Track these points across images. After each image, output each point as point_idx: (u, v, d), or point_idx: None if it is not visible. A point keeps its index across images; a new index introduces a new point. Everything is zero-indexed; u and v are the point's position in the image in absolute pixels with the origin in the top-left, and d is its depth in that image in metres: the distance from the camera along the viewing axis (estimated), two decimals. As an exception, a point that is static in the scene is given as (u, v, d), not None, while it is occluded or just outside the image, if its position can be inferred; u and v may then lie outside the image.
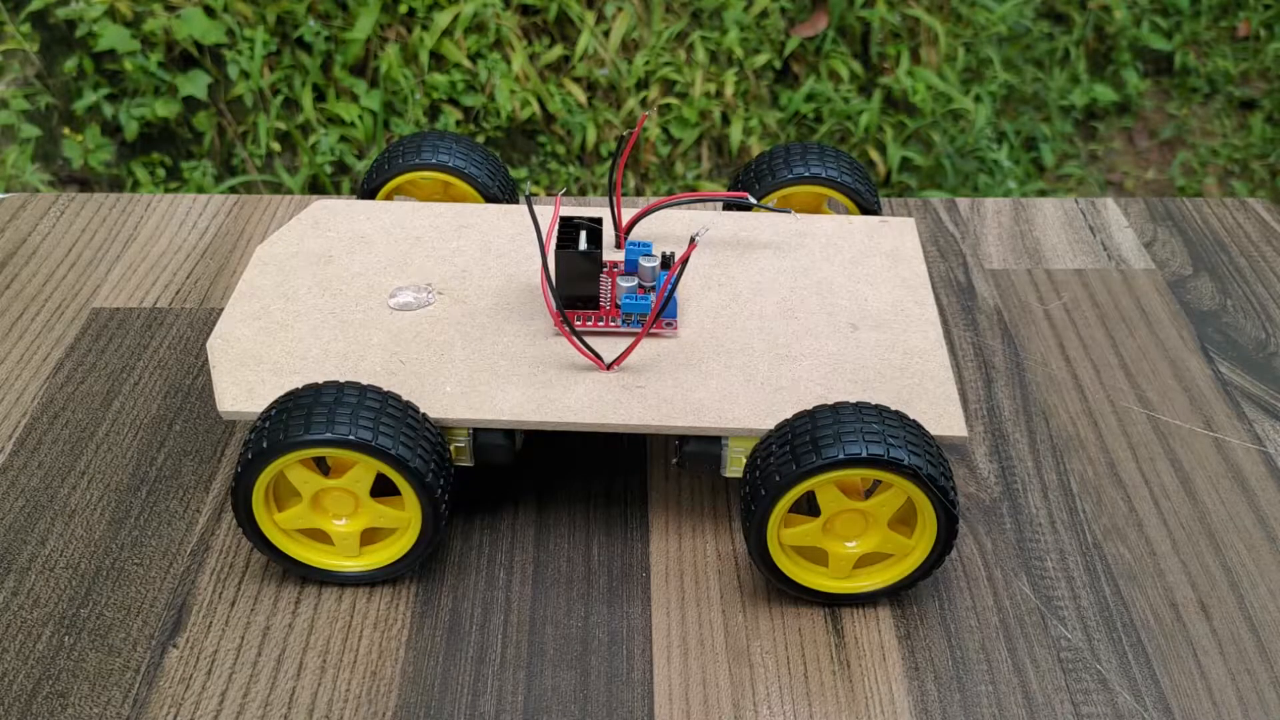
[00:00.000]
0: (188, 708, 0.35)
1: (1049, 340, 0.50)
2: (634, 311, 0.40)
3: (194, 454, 0.43)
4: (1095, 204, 0.59)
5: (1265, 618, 0.38)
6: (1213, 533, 0.41)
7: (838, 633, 0.38)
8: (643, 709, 0.35)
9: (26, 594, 0.38)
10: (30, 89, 1.54)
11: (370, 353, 0.39)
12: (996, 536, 0.41)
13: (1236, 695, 0.36)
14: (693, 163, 1.63)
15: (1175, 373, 0.48)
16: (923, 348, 0.40)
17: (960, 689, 0.36)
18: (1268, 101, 1.78)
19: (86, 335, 0.49)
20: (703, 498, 0.42)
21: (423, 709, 0.35)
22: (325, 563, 0.38)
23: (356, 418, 0.35)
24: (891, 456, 0.34)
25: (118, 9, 1.55)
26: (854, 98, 1.66)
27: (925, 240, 0.56)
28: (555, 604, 0.38)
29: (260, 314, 0.40)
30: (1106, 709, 0.35)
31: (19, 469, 0.43)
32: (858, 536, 0.37)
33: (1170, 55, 1.82)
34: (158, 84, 1.56)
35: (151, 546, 0.40)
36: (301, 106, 1.59)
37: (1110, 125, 1.77)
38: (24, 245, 0.54)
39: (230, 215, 0.56)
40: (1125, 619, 0.38)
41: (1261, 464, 0.44)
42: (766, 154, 0.47)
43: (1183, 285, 0.53)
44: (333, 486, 0.36)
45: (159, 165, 1.56)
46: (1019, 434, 0.45)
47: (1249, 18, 1.85)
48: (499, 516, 0.41)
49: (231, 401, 0.37)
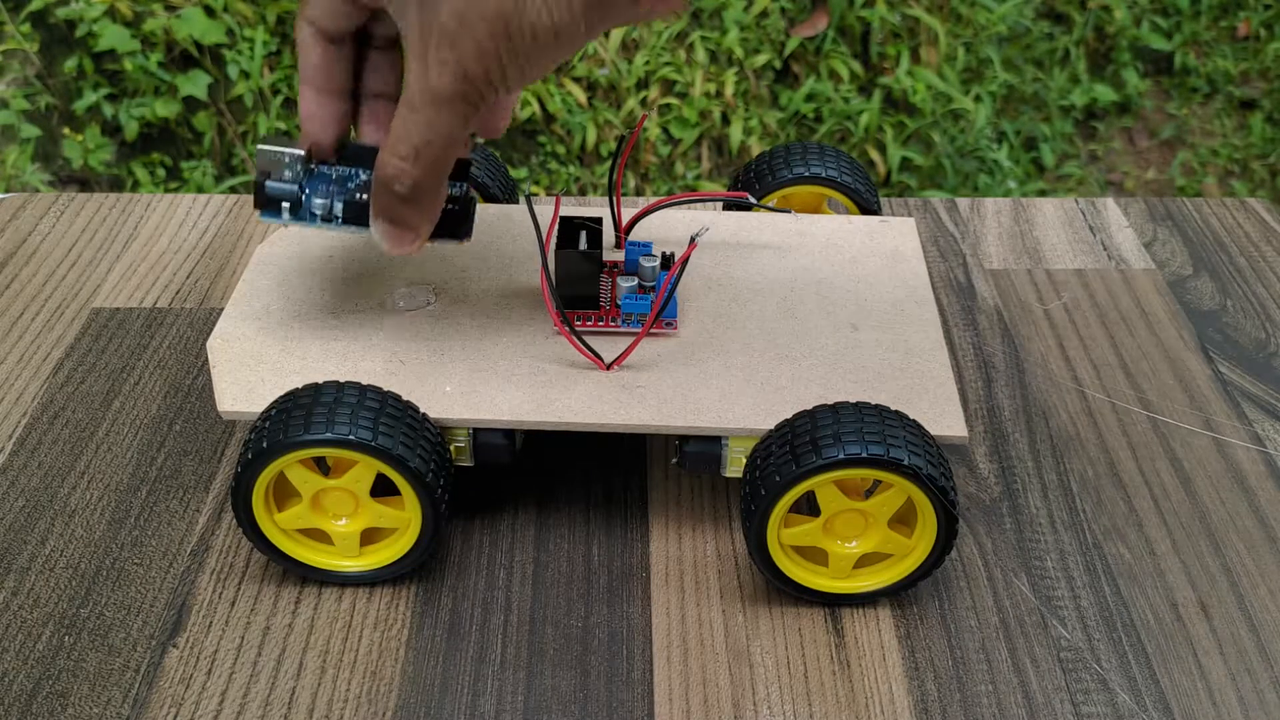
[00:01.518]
0: (188, 708, 0.35)
1: (1049, 340, 0.50)
2: (634, 311, 0.40)
3: (194, 454, 0.43)
4: (1095, 204, 0.59)
5: (1265, 618, 0.38)
6: (1213, 533, 0.41)
7: (838, 633, 0.38)
8: (643, 709, 0.35)
9: (26, 594, 0.38)
10: (30, 89, 1.54)
11: (370, 353, 0.39)
12: (996, 536, 0.41)
13: (1236, 695, 0.36)
14: (693, 163, 1.63)
15: (1175, 373, 0.48)
16: (923, 348, 0.40)
17: (960, 689, 0.36)
18: (1268, 101, 1.78)
19: (86, 335, 0.49)
20: (703, 498, 0.42)
21: (423, 709, 0.35)
22: (325, 563, 0.38)
23: (356, 417, 0.35)
24: (891, 456, 0.34)
25: (118, 9, 1.55)
26: (854, 98, 1.66)
27: (925, 240, 0.56)
28: (555, 604, 0.38)
29: (260, 314, 0.40)
30: (1106, 709, 0.35)
31: (19, 469, 0.43)
32: (858, 536, 0.37)
33: (1170, 55, 1.83)
34: (158, 84, 1.56)
35: (151, 546, 0.40)
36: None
37: (1110, 125, 1.77)
38: (24, 245, 0.54)
39: (230, 215, 0.56)
40: (1125, 619, 0.38)
41: (1261, 464, 0.44)
42: (766, 154, 0.47)
43: (1183, 285, 0.53)
44: (333, 486, 0.36)
45: (159, 165, 1.56)
46: (1019, 434, 0.45)
47: (1249, 18, 1.85)
48: (499, 516, 0.41)
49: (231, 401, 0.37)
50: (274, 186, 0.37)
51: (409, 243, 0.37)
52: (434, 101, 0.33)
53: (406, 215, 0.36)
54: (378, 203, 0.36)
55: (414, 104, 0.33)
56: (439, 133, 0.34)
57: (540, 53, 0.32)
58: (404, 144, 0.34)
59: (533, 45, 0.31)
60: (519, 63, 0.32)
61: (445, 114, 0.33)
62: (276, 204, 0.37)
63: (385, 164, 0.35)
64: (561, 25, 0.31)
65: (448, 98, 0.33)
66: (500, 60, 0.32)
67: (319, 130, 0.38)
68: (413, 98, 0.33)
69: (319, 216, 0.37)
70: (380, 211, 0.36)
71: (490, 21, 0.31)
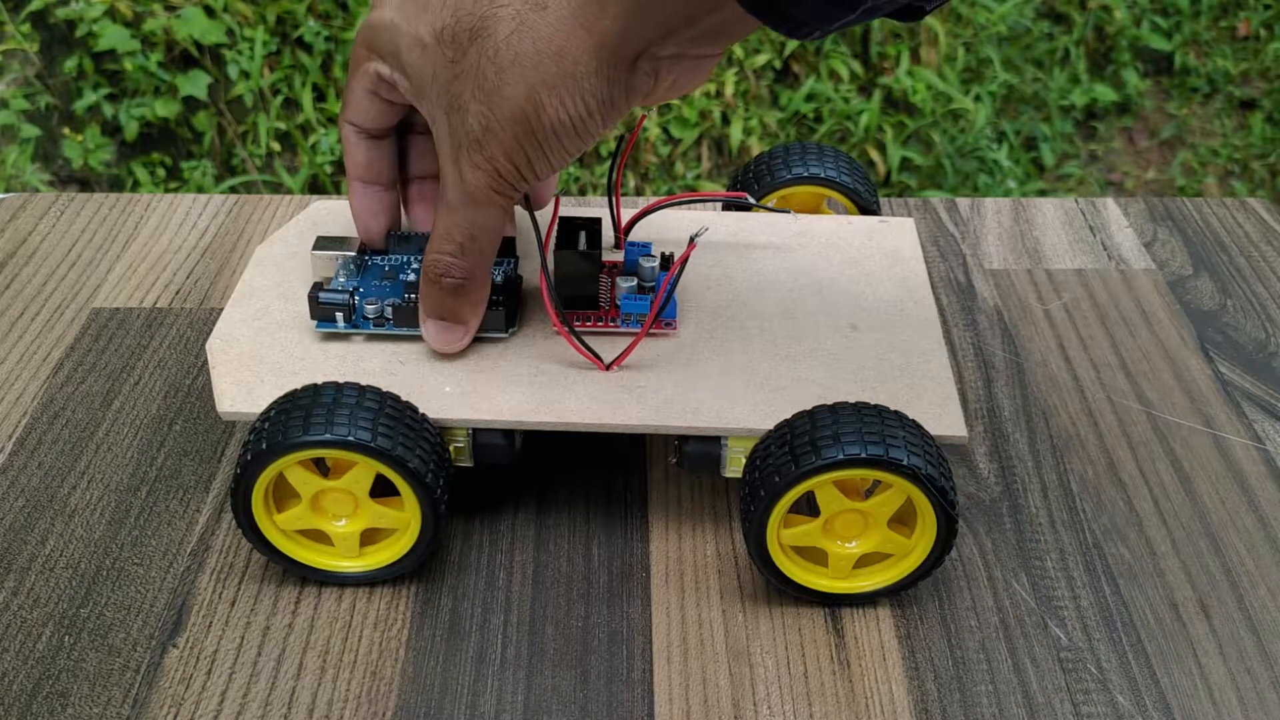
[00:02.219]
0: (188, 708, 0.35)
1: (1049, 340, 0.50)
2: (633, 312, 0.40)
3: (194, 454, 0.43)
4: (1095, 204, 0.59)
5: (1265, 618, 0.38)
6: (1213, 533, 0.41)
7: (838, 633, 0.38)
8: (643, 709, 0.35)
9: (26, 594, 0.38)
10: (30, 89, 1.54)
11: (369, 353, 0.39)
12: (996, 536, 0.41)
13: (1236, 695, 0.36)
14: (693, 163, 1.63)
15: (1175, 372, 0.48)
16: (923, 348, 0.40)
17: (960, 689, 0.36)
18: (1268, 101, 1.78)
19: (86, 335, 0.49)
20: (703, 498, 0.42)
21: (423, 709, 0.35)
22: (325, 563, 0.38)
23: (355, 418, 0.35)
24: (891, 457, 0.34)
25: (118, 9, 1.55)
26: (854, 98, 1.66)
27: (925, 240, 0.56)
28: (555, 604, 0.38)
29: (260, 314, 0.40)
30: (1106, 709, 0.35)
31: (19, 469, 0.43)
32: (857, 536, 0.37)
33: (1170, 55, 1.83)
34: (158, 84, 1.56)
35: (151, 546, 0.40)
36: (301, 106, 1.59)
37: (1110, 125, 1.77)
38: (24, 245, 0.54)
39: (230, 215, 0.56)
40: (1125, 619, 0.38)
41: (1261, 463, 0.44)
42: (766, 154, 0.47)
43: (1183, 285, 0.53)
44: (332, 487, 0.36)
45: (159, 165, 1.56)
46: (1019, 434, 0.45)
47: (1249, 18, 1.85)
48: (499, 516, 0.41)
49: (231, 402, 0.37)
50: (327, 297, 0.39)
51: (458, 339, 0.38)
52: (472, 202, 0.35)
53: (456, 309, 0.38)
54: (427, 301, 0.38)
55: (453, 205, 0.36)
56: (481, 227, 0.36)
57: (564, 143, 0.34)
58: (449, 241, 0.36)
59: (555, 140, 0.34)
60: (545, 155, 0.34)
61: (484, 211, 0.35)
62: (331, 313, 0.39)
63: (435, 262, 0.37)
64: (578, 120, 0.33)
65: (484, 197, 0.35)
66: (527, 156, 0.34)
67: (370, 221, 0.41)
68: (452, 200, 0.36)
69: (370, 321, 0.39)
70: (430, 310, 0.38)
71: (514, 124, 0.33)
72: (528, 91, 0.32)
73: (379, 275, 0.41)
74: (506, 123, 0.33)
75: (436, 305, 0.38)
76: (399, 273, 0.41)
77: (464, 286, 0.37)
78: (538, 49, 0.32)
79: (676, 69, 0.34)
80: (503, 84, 0.33)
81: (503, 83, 0.33)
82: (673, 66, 0.34)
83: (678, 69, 0.34)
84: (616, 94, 0.33)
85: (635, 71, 0.33)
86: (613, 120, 0.34)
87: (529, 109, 0.33)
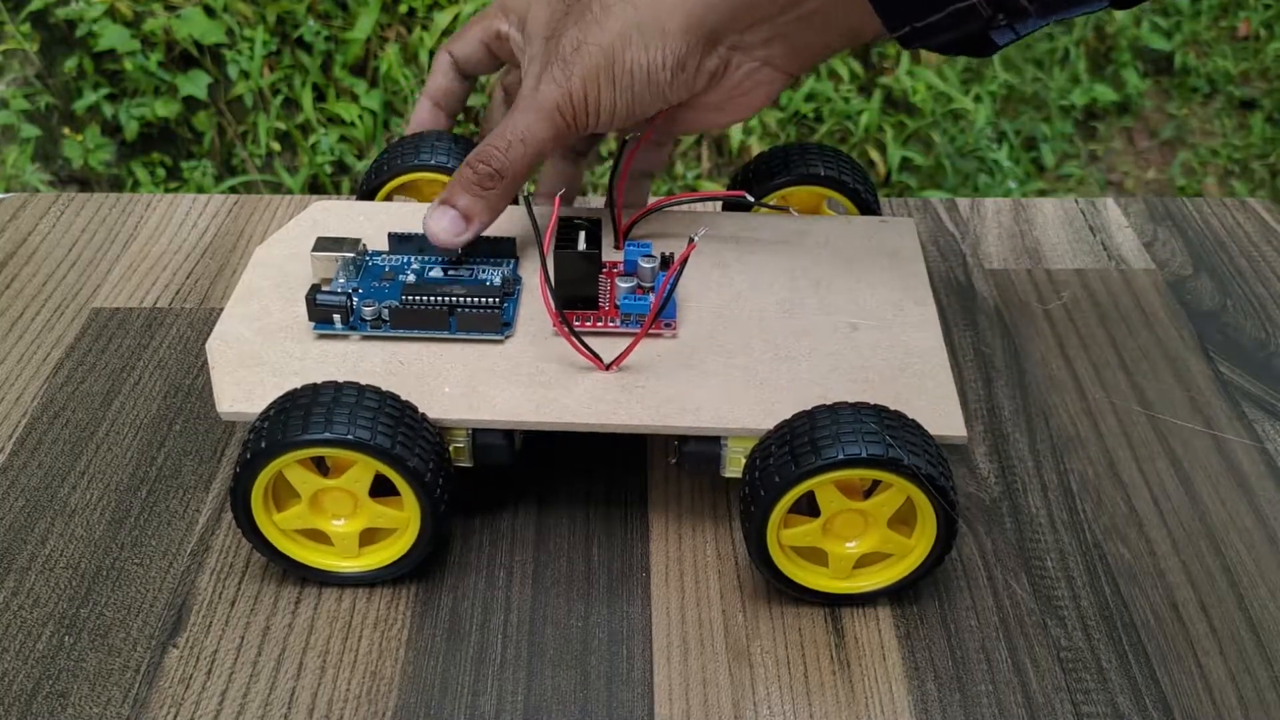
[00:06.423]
0: (188, 708, 0.35)
1: (1049, 340, 0.50)
2: (633, 312, 0.40)
3: (194, 454, 0.43)
4: (1095, 204, 0.59)
5: (1265, 618, 0.38)
6: (1213, 533, 0.41)
7: (838, 633, 0.38)
8: (643, 709, 0.35)
9: (26, 594, 0.38)
10: (30, 89, 1.54)
11: (370, 353, 0.39)
12: (996, 536, 0.41)
13: (1236, 695, 0.36)
14: (693, 163, 1.63)
15: (1175, 373, 0.48)
16: (923, 348, 0.40)
17: (960, 689, 0.36)
18: (1268, 101, 1.78)
19: (86, 335, 0.49)
20: (703, 498, 0.42)
21: (423, 709, 0.35)
22: (324, 563, 0.38)
23: (355, 417, 0.35)
24: (891, 456, 0.34)
25: (118, 9, 1.55)
26: (854, 98, 1.66)
27: (925, 240, 0.56)
28: (555, 604, 0.38)
29: (260, 314, 0.40)
30: (1106, 709, 0.35)
31: (19, 469, 0.43)
32: (857, 536, 0.37)
33: (1170, 55, 1.83)
34: (158, 84, 1.56)
35: (151, 546, 0.40)
36: (301, 106, 1.59)
37: (1110, 125, 1.77)
38: (24, 245, 0.54)
39: (230, 215, 0.56)
40: (1125, 619, 0.38)
41: (1261, 464, 0.44)
42: (766, 154, 0.47)
43: (1183, 285, 0.53)
44: (331, 487, 0.36)
45: (159, 165, 1.56)
46: (1019, 434, 0.45)
47: (1249, 18, 1.85)
48: (499, 516, 0.41)
49: (231, 402, 0.37)
50: (324, 299, 0.39)
51: (458, 232, 0.40)
52: (538, 108, 0.40)
53: (471, 200, 0.40)
54: (451, 188, 0.40)
55: (520, 109, 0.40)
56: (534, 134, 0.40)
57: (634, 88, 0.39)
58: (501, 139, 0.40)
59: (628, 79, 0.39)
60: (613, 94, 0.39)
61: (544, 121, 0.40)
62: (328, 315, 0.39)
63: (479, 151, 0.40)
64: (652, 68, 0.39)
65: (550, 108, 0.39)
66: (599, 86, 0.39)
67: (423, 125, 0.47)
68: (521, 105, 0.40)
69: (368, 323, 0.39)
70: (449, 195, 0.40)
71: (601, 52, 0.39)
72: (622, 28, 0.38)
73: (378, 276, 0.41)
74: (595, 50, 0.38)
75: (457, 190, 0.40)
76: (398, 274, 0.41)
77: (491, 179, 0.40)
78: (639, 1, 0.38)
79: (747, 64, 0.40)
80: (605, 17, 0.39)
81: (605, 16, 0.39)
82: (743, 61, 0.40)
83: (747, 65, 0.40)
84: (690, 61, 0.39)
85: (713, 50, 0.39)
86: (676, 88, 0.40)
87: (618, 44, 0.38)
